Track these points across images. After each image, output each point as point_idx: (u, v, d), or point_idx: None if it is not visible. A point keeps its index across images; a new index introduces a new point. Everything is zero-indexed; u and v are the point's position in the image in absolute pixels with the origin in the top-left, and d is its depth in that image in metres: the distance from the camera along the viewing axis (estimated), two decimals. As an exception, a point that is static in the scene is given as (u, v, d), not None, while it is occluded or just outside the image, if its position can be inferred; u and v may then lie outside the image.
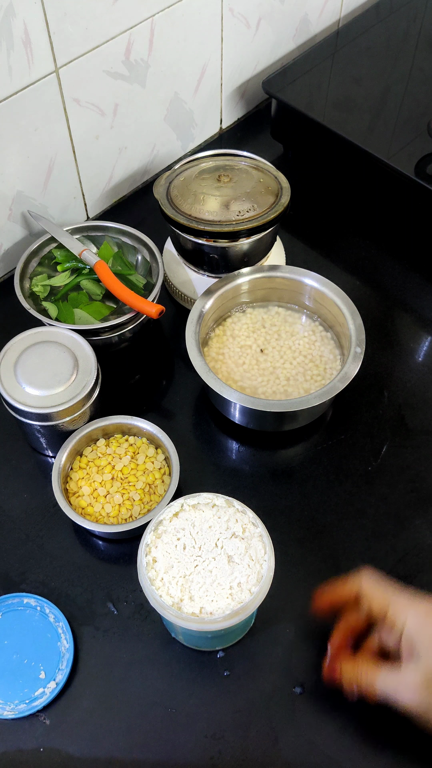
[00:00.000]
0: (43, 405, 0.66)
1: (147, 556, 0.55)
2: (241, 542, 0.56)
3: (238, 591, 0.54)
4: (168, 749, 0.59)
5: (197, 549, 0.55)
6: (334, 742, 0.59)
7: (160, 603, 0.54)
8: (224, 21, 0.90)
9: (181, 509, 0.57)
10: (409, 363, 0.81)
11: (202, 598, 0.54)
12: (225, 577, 0.54)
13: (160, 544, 0.56)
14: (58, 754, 0.59)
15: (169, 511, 0.57)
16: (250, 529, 0.56)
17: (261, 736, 0.59)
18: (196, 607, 0.53)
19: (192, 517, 0.57)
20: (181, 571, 0.55)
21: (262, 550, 0.56)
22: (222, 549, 0.55)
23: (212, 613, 0.53)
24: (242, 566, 0.55)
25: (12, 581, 0.67)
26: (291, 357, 0.76)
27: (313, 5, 1.02)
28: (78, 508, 0.67)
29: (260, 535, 0.56)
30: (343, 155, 0.89)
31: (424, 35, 1.00)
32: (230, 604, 0.53)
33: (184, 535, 0.56)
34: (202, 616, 0.53)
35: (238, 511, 0.57)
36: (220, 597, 0.54)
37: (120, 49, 0.80)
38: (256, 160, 0.80)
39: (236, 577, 0.54)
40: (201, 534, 0.56)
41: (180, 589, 0.54)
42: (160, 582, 0.55)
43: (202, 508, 0.57)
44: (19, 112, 0.75)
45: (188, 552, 0.55)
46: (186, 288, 0.82)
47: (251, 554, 0.55)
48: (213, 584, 0.54)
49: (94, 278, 0.80)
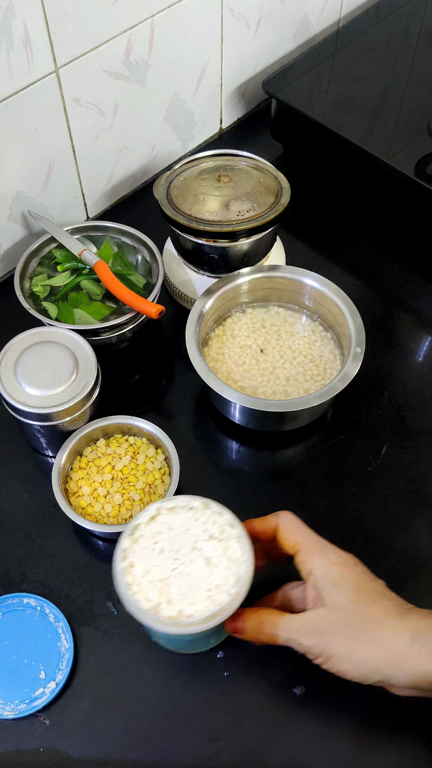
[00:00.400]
0: (43, 405, 0.66)
1: (123, 561, 0.55)
2: (219, 544, 0.55)
3: (216, 593, 0.53)
4: (167, 749, 0.59)
5: (175, 552, 0.55)
6: (334, 743, 0.59)
7: (138, 608, 0.53)
8: (224, 21, 0.90)
9: (158, 513, 0.57)
10: (409, 363, 0.81)
11: (180, 601, 0.53)
12: (203, 579, 0.54)
13: (137, 548, 0.55)
14: (57, 754, 0.59)
15: (146, 515, 0.57)
16: (227, 531, 0.56)
17: (260, 737, 0.60)
18: (174, 611, 0.53)
19: (169, 521, 0.56)
20: (159, 574, 0.54)
21: (239, 551, 0.55)
22: (200, 551, 0.55)
23: (191, 615, 0.52)
24: (220, 568, 0.54)
25: (12, 581, 0.67)
26: (291, 357, 0.76)
27: (313, 5, 1.02)
28: (78, 508, 0.67)
29: (238, 537, 0.55)
30: (343, 155, 0.89)
31: (424, 35, 1.00)
32: (209, 606, 0.53)
33: (161, 539, 0.56)
34: (180, 620, 0.52)
35: (216, 512, 0.57)
36: (199, 599, 0.53)
37: (120, 49, 0.80)
38: (256, 160, 0.80)
39: (215, 579, 0.54)
40: (178, 537, 0.56)
41: (158, 593, 0.53)
42: (138, 587, 0.54)
43: (179, 511, 0.57)
44: (19, 112, 0.75)
45: (166, 555, 0.55)
46: (186, 288, 0.82)
47: (229, 555, 0.55)
48: (191, 587, 0.54)
49: (94, 278, 0.80)
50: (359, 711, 0.60)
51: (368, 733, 0.59)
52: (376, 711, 0.60)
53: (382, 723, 0.59)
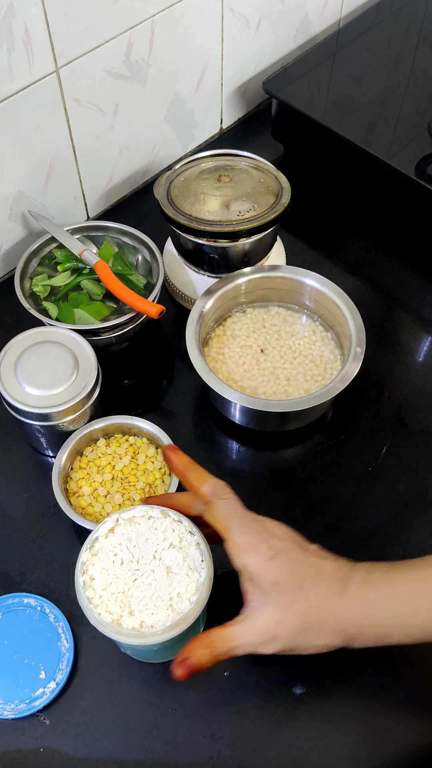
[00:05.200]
0: (43, 405, 0.66)
1: (84, 575, 0.55)
2: (179, 552, 0.55)
3: (177, 602, 0.53)
4: (168, 749, 0.59)
5: (135, 563, 0.55)
6: (334, 742, 0.59)
7: (100, 621, 0.53)
8: (225, 21, 0.90)
9: (117, 524, 0.57)
10: (410, 363, 0.81)
11: (141, 612, 0.53)
12: (164, 588, 0.54)
13: (96, 561, 0.55)
14: (58, 754, 0.59)
15: (104, 527, 0.56)
16: (186, 538, 0.56)
17: (261, 737, 0.60)
18: (136, 622, 0.53)
19: (128, 532, 0.56)
20: (120, 587, 0.54)
21: (199, 557, 0.55)
22: (160, 561, 0.55)
23: (153, 626, 0.52)
24: (181, 576, 0.54)
25: (12, 581, 0.67)
26: (291, 357, 0.76)
27: (314, 5, 1.02)
28: (78, 508, 0.67)
29: (197, 543, 0.55)
30: (343, 155, 0.89)
31: (424, 35, 1.00)
32: (170, 615, 0.53)
33: (120, 551, 0.55)
34: (143, 630, 0.52)
35: (174, 520, 0.56)
36: (160, 609, 0.53)
37: (120, 49, 0.80)
38: (256, 160, 0.80)
39: (175, 587, 0.54)
40: (138, 547, 0.55)
41: (119, 606, 0.53)
42: (99, 600, 0.54)
43: (138, 521, 0.56)
44: (20, 112, 0.75)
45: (126, 567, 0.55)
46: (186, 288, 0.82)
47: (189, 563, 0.55)
48: (153, 597, 0.54)
49: (95, 278, 0.80)
50: (359, 711, 0.60)
51: (368, 732, 0.59)
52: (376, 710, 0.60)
53: (382, 722, 0.59)
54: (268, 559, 0.53)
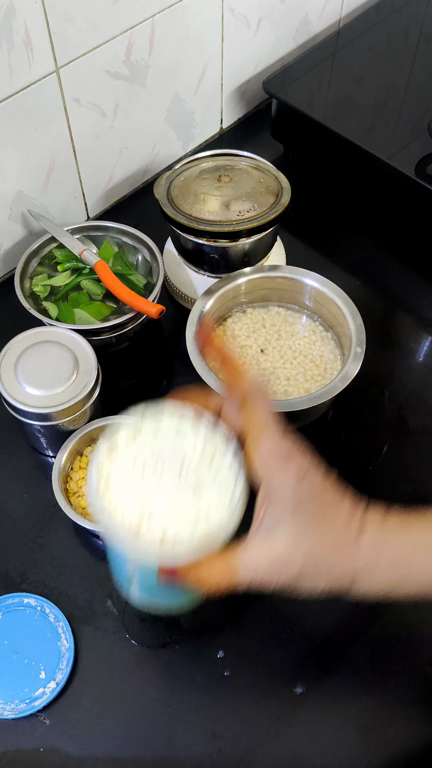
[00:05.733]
0: (43, 405, 0.66)
1: (100, 480, 0.47)
2: (210, 465, 0.48)
3: (205, 519, 0.46)
4: (168, 748, 0.59)
5: (158, 473, 0.48)
6: (334, 742, 0.59)
7: (116, 526, 0.46)
8: (225, 21, 0.90)
9: (141, 431, 0.49)
10: (410, 363, 0.81)
11: (163, 526, 0.46)
12: (191, 504, 0.47)
13: (114, 469, 0.48)
14: (58, 754, 0.59)
15: (124, 434, 0.49)
16: (220, 447, 0.49)
17: (261, 736, 0.60)
18: (157, 534, 0.46)
19: (151, 442, 0.49)
20: (140, 495, 0.47)
21: (232, 474, 0.48)
22: (188, 472, 0.48)
23: (175, 542, 0.45)
24: (210, 494, 0.47)
25: (12, 581, 0.67)
26: (291, 357, 0.76)
27: (314, 5, 1.02)
28: (78, 508, 0.67)
29: (232, 456, 0.49)
30: (343, 155, 0.89)
31: (424, 35, 1.00)
32: (196, 531, 0.46)
33: (143, 457, 0.48)
34: (165, 545, 0.45)
35: (207, 428, 0.50)
36: (184, 528, 0.46)
37: (120, 48, 0.80)
38: (256, 160, 0.80)
39: (205, 504, 0.47)
40: (164, 456, 0.48)
41: (138, 517, 0.46)
42: (116, 504, 0.47)
43: (166, 422, 0.49)
44: (20, 111, 0.75)
45: (148, 476, 0.47)
46: (186, 288, 0.82)
47: (221, 479, 0.48)
48: (177, 514, 0.46)
49: (95, 278, 0.80)
50: (359, 710, 0.60)
51: (368, 732, 0.59)
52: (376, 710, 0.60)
53: (383, 722, 0.59)
54: (295, 480, 0.48)
